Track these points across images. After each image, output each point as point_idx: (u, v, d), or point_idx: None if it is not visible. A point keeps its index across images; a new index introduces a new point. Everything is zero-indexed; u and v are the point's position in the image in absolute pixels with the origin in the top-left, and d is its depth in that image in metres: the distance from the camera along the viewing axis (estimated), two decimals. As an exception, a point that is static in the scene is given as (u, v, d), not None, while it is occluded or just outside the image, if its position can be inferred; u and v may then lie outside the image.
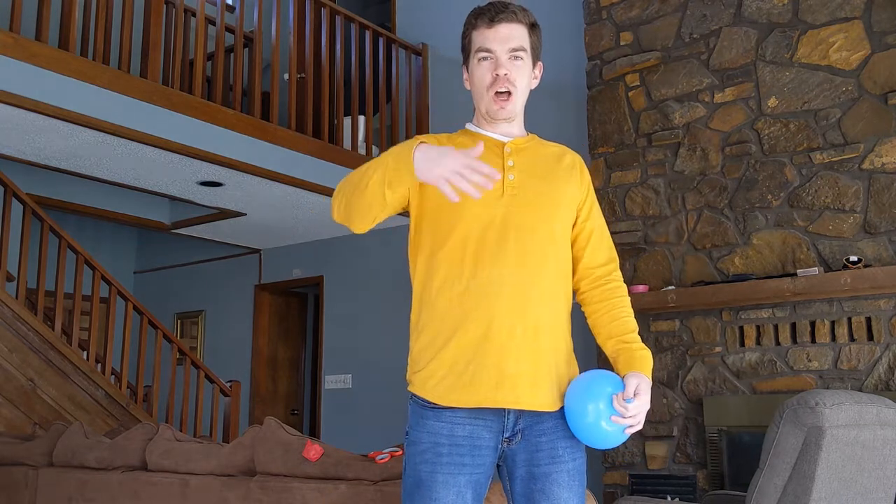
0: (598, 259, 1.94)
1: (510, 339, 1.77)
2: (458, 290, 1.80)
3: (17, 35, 4.38)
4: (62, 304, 5.74)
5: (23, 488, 3.77)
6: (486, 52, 1.87)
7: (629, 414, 1.72)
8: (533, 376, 1.78)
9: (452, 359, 1.78)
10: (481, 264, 1.79)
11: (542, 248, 1.83)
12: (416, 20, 7.16)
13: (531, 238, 1.82)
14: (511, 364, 1.76)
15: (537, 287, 1.80)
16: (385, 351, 6.71)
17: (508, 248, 1.80)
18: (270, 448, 2.86)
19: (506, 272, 1.79)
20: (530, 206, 1.83)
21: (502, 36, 1.86)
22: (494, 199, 1.82)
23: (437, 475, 1.76)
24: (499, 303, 1.77)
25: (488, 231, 1.80)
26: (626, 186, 5.44)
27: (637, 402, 1.73)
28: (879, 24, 4.69)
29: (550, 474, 1.79)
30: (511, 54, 1.86)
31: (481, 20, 1.88)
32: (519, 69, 1.87)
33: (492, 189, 1.72)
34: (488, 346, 1.76)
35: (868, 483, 2.85)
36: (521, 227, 1.81)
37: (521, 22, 1.88)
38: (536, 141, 1.97)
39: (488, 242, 1.80)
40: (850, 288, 4.43)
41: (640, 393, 1.75)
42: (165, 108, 5.01)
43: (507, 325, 1.77)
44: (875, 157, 4.62)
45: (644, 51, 5.48)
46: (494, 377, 1.76)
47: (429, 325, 1.82)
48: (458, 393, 1.77)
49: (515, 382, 1.76)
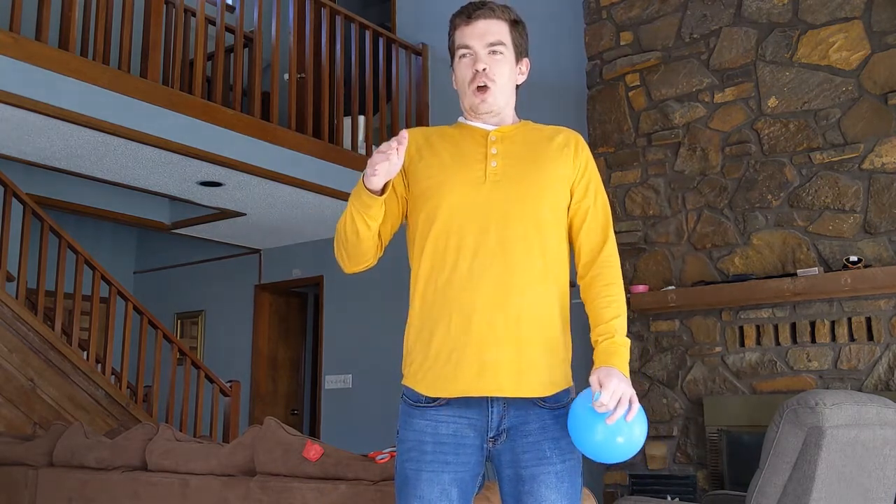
0: (591, 242, 1.88)
1: (490, 329, 1.76)
2: (442, 281, 1.80)
3: (17, 35, 4.38)
4: (62, 304, 5.74)
5: (23, 488, 3.77)
6: (465, 48, 1.88)
7: (607, 408, 1.66)
8: (516, 365, 1.76)
9: (437, 350, 1.79)
10: (463, 255, 1.79)
11: (526, 235, 1.81)
12: (416, 20, 7.16)
13: (515, 225, 1.80)
14: (491, 353, 1.75)
15: (521, 275, 1.79)
16: (385, 351, 6.70)
17: (490, 238, 1.79)
18: (270, 448, 2.86)
19: (486, 262, 1.78)
20: (514, 193, 1.82)
21: (479, 31, 1.87)
22: (476, 188, 1.82)
23: (422, 473, 1.77)
24: (479, 293, 1.77)
25: (470, 221, 1.81)
26: (627, 186, 5.44)
27: (605, 393, 1.66)
28: (879, 24, 4.69)
29: (538, 476, 1.77)
30: (489, 49, 1.86)
31: (460, 18, 1.90)
32: (498, 64, 1.87)
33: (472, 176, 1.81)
34: (469, 336, 1.76)
35: (868, 483, 2.85)
36: (505, 214, 1.80)
37: (500, 18, 1.88)
38: (529, 127, 1.95)
39: (469, 232, 1.80)
40: (850, 288, 4.43)
41: (603, 384, 1.68)
42: (165, 108, 5.01)
43: (487, 315, 1.76)
44: (875, 157, 4.62)
45: (644, 51, 5.48)
46: (476, 366, 1.76)
47: (417, 318, 1.84)
48: (442, 382, 1.78)
49: (497, 371, 1.75)
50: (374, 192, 1.75)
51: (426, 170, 1.86)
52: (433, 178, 1.85)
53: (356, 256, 1.89)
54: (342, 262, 1.92)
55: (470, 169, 1.84)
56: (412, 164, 1.89)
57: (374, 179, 1.72)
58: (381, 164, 1.70)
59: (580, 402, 1.71)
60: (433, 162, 1.87)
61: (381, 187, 1.75)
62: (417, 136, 1.92)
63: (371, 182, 1.73)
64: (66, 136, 4.93)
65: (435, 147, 1.90)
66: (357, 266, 1.92)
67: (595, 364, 1.76)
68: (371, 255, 1.90)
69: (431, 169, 1.86)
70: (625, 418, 1.66)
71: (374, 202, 1.76)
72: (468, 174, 1.84)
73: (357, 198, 1.78)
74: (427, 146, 1.90)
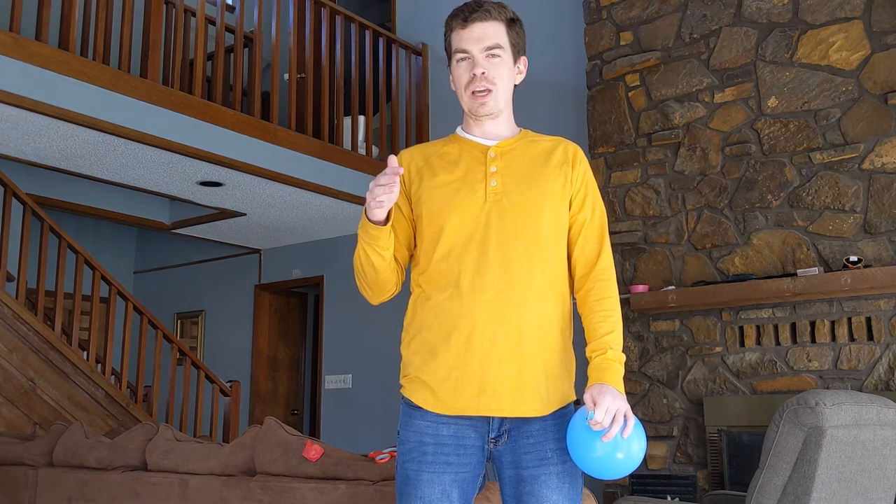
0: (587, 256, 1.88)
1: (491, 346, 1.76)
2: (443, 299, 1.81)
3: (17, 35, 4.38)
4: (62, 304, 5.74)
5: (23, 488, 3.77)
6: (462, 52, 1.87)
7: (602, 425, 1.66)
8: (516, 383, 1.77)
9: (436, 368, 1.79)
10: (464, 273, 1.80)
11: (527, 252, 1.81)
12: (416, 20, 7.16)
13: (514, 243, 1.81)
14: (492, 371, 1.76)
15: (520, 291, 1.79)
16: (385, 351, 6.71)
17: (490, 255, 1.80)
18: (270, 448, 2.86)
19: (487, 279, 1.78)
20: (513, 211, 1.82)
21: (476, 35, 1.85)
22: (478, 207, 1.83)
23: (423, 474, 1.77)
24: (480, 311, 1.77)
25: (471, 240, 1.81)
26: (627, 186, 5.44)
27: (599, 411, 1.66)
28: (879, 24, 4.69)
29: (539, 476, 1.78)
30: (487, 53, 1.85)
31: (456, 21, 1.89)
32: (497, 66, 1.86)
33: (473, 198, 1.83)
34: (470, 354, 1.77)
35: (868, 483, 2.85)
36: (504, 232, 1.81)
37: (497, 19, 1.87)
38: (528, 138, 1.94)
39: (470, 251, 1.81)
40: (850, 288, 4.43)
41: (597, 402, 1.68)
42: (165, 108, 5.01)
43: (487, 332, 1.76)
44: (875, 157, 4.62)
45: (644, 51, 5.48)
46: (476, 385, 1.76)
47: (418, 332, 1.84)
48: (442, 402, 1.78)
49: (497, 389, 1.76)
50: (377, 223, 1.75)
51: (428, 192, 1.86)
52: (434, 200, 1.85)
53: (378, 287, 1.89)
54: (367, 296, 1.93)
55: (471, 190, 1.85)
56: (413, 185, 1.90)
57: (378, 212, 1.72)
58: (384, 195, 1.69)
59: (576, 421, 1.72)
60: (433, 184, 1.87)
61: (385, 217, 1.76)
62: (416, 157, 1.92)
63: (375, 214, 1.73)
64: (66, 136, 4.93)
65: (434, 168, 1.89)
66: (382, 296, 1.92)
67: (589, 381, 1.76)
68: (393, 283, 1.90)
69: (433, 191, 1.86)
70: (621, 434, 1.66)
71: (381, 233, 1.77)
72: (469, 195, 1.84)
73: (364, 232, 1.78)
74: (427, 168, 1.90)
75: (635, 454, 1.69)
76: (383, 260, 1.82)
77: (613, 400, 1.68)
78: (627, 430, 1.67)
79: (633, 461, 1.69)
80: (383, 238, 1.78)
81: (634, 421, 1.69)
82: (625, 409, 1.68)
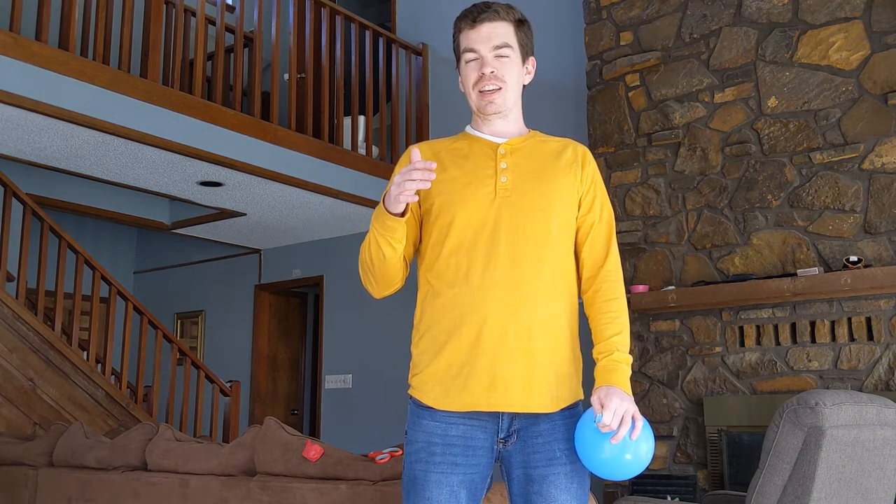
0: (594, 257, 1.90)
1: (502, 341, 1.76)
2: (452, 294, 1.81)
3: (17, 35, 4.38)
4: (62, 304, 5.74)
5: (23, 488, 3.77)
6: (471, 52, 1.88)
7: (610, 428, 1.67)
8: (527, 378, 1.77)
9: (447, 363, 1.79)
10: (474, 268, 1.80)
11: (537, 248, 1.81)
12: (416, 20, 7.16)
13: (524, 239, 1.81)
14: (503, 366, 1.76)
15: (531, 288, 1.79)
16: (385, 351, 6.71)
17: (500, 251, 1.80)
18: (270, 448, 2.86)
19: (498, 275, 1.79)
20: (523, 207, 1.83)
21: (485, 35, 1.86)
22: (487, 202, 1.83)
23: (431, 474, 1.77)
24: (490, 306, 1.77)
25: (480, 235, 1.81)
26: (627, 186, 5.44)
27: (607, 413, 1.67)
28: (879, 24, 4.69)
29: (548, 476, 1.78)
30: (496, 52, 1.86)
31: (465, 22, 1.89)
32: (506, 66, 1.87)
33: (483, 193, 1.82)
34: (480, 349, 1.76)
35: (868, 483, 2.85)
36: (514, 228, 1.81)
37: (505, 19, 1.88)
38: (537, 138, 1.95)
39: (480, 246, 1.81)
40: (850, 288, 4.43)
41: (604, 404, 1.69)
42: (165, 108, 5.01)
43: (498, 327, 1.76)
44: (875, 157, 4.62)
45: (644, 51, 5.48)
46: (486, 380, 1.76)
47: (427, 330, 1.84)
48: (452, 397, 1.78)
49: (507, 385, 1.76)
50: (396, 215, 1.75)
51: (437, 186, 1.84)
52: (444, 195, 1.85)
53: (384, 280, 1.89)
54: (371, 289, 1.92)
55: (481, 184, 1.85)
56: None
57: (401, 204, 1.72)
58: (412, 190, 1.68)
59: (584, 423, 1.72)
60: (443, 178, 1.86)
61: (404, 209, 1.76)
62: (426, 152, 1.92)
63: (397, 207, 1.73)
64: (66, 136, 4.93)
65: (444, 163, 1.89)
66: (387, 290, 1.92)
67: (596, 383, 1.77)
68: (399, 278, 1.90)
69: (442, 185, 1.85)
70: (629, 436, 1.67)
71: (398, 224, 1.76)
72: (479, 190, 1.84)
73: (380, 223, 1.78)
74: (437, 162, 1.90)
75: (644, 455, 1.69)
76: (395, 252, 1.82)
77: (621, 402, 1.69)
78: (636, 432, 1.68)
79: (641, 462, 1.69)
80: (400, 230, 1.78)
81: (643, 422, 1.70)
82: (633, 411, 1.69)
